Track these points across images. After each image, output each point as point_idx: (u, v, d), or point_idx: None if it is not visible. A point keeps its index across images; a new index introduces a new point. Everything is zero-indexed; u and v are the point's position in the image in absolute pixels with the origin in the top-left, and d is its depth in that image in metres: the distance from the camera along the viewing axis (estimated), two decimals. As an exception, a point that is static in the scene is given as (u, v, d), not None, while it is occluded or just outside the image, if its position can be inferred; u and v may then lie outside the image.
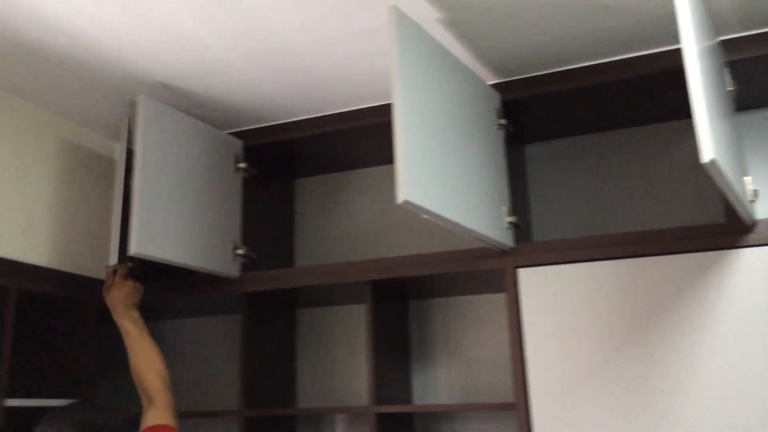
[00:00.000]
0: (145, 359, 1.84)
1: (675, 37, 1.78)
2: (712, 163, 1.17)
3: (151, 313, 2.47)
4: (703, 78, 1.25)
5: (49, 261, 2.08)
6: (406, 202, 1.40)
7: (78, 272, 2.16)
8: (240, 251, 2.12)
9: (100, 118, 2.21)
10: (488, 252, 1.85)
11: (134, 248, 1.79)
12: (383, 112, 2.08)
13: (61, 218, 2.15)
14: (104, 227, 2.29)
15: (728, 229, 1.64)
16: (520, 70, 1.95)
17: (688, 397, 1.60)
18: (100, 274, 2.25)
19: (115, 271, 1.96)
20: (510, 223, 1.82)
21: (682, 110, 2.03)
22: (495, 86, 1.97)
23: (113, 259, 1.92)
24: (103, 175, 2.33)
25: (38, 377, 2.12)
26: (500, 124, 1.91)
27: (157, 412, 1.72)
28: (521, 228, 1.90)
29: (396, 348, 2.16)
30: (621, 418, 1.64)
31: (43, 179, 2.11)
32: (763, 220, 1.61)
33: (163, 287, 2.21)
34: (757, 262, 1.60)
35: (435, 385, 2.20)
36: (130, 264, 1.95)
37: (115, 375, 2.60)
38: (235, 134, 2.26)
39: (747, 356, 1.57)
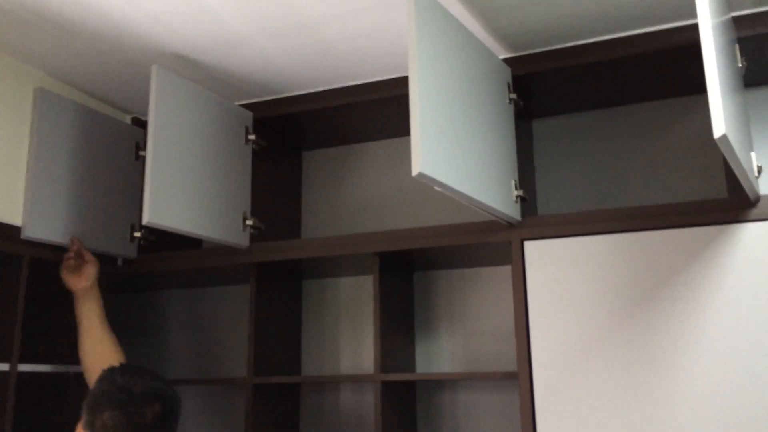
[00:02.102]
0: (103, 340, 1.88)
1: (684, 13, 1.79)
2: (724, 138, 1.20)
3: (161, 282, 2.52)
4: (717, 54, 1.27)
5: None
6: (421, 174, 1.43)
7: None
8: (249, 222, 2.15)
9: (113, 88, 2.22)
10: (495, 225, 1.88)
11: (147, 218, 1.81)
12: (393, 86, 2.10)
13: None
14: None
15: (732, 204, 1.68)
16: (531, 45, 1.96)
17: (689, 370, 1.64)
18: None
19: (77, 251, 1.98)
20: (518, 196, 1.85)
21: (688, 86, 2.07)
22: (506, 60, 1.98)
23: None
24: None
25: (50, 344, 2.15)
26: (511, 99, 1.93)
27: None
28: (528, 201, 1.93)
29: (401, 318, 2.20)
30: (622, 390, 1.69)
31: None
32: (766, 196, 1.65)
33: (173, 257, 2.24)
34: (760, 237, 1.63)
35: (438, 355, 2.25)
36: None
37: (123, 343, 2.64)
38: (244, 106, 2.28)
39: (749, 330, 1.61)
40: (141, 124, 2.38)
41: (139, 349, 2.60)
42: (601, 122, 2.21)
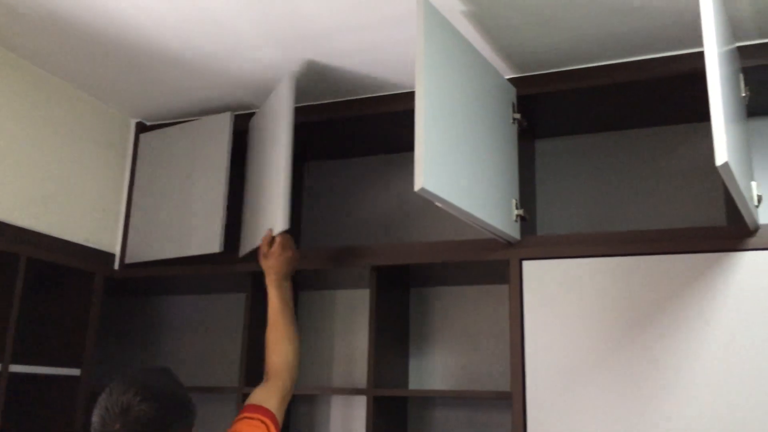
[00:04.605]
0: (277, 335, 1.77)
1: (688, 41, 1.81)
2: (725, 166, 1.20)
3: (158, 289, 2.51)
4: (721, 82, 1.28)
5: (60, 231, 2.10)
6: (423, 190, 1.43)
7: (88, 244, 2.19)
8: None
9: (119, 93, 2.23)
10: (495, 243, 1.88)
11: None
12: (399, 101, 2.11)
13: (72, 190, 2.16)
14: (113, 200, 2.32)
15: (731, 232, 1.68)
16: (537, 66, 1.97)
17: (682, 396, 1.63)
18: (109, 246, 2.29)
19: (272, 239, 1.88)
20: (518, 215, 1.85)
21: (691, 114, 2.09)
22: (512, 80, 1.99)
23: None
24: (116, 149, 2.35)
25: (43, 345, 2.14)
26: (515, 118, 1.94)
27: (263, 392, 1.67)
28: (527, 221, 1.94)
29: (396, 333, 2.19)
30: (615, 413, 1.68)
31: (57, 150, 2.12)
32: (765, 225, 1.65)
33: (170, 264, 2.24)
34: (759, 266, 1.64)
35: (432, 372, 2.24)
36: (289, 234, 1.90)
37: (115, 348, 2.64)
38: (246, 115, 2.28)
39: (744, 357, 1.60)
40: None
41: (128, 355, 2.58)
42: (604, 145, 2.22)
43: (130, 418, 1.26)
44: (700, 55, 1.52)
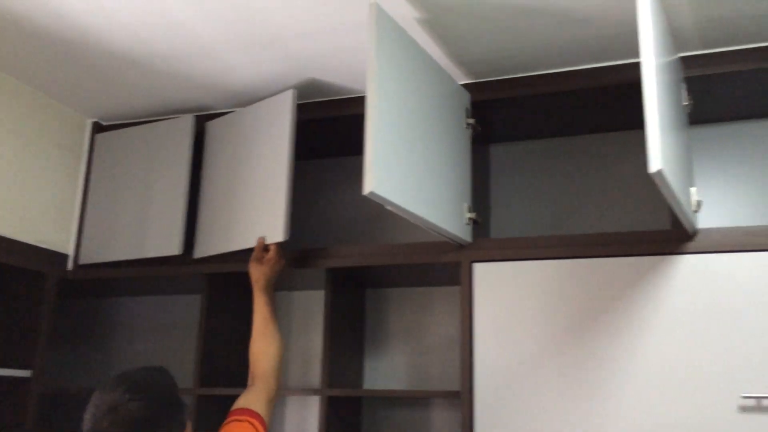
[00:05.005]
0: (264, 341, 1.80)
1: (637, 51, 1.86)
2: (659, 173, 1.25)
3: (112, 290, 2.50)
4: (658, 92, 1.33)
5: (11, 232, 2.08)
6: (372, 194, 1.45)
7: (40, 245, 2.17)
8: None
9: (75, 93, 2.21)
10: (447, 246, 1.92)
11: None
12: (357, 105, 2.12)
13: (25, 190, 2.14)
14: (67, 201, 2.30)
15: (672, 236, 1.74)
16: (491, 73, 2.01)
17: (627, 394, 1.68)
18: (62, 247, 2.26)
19: (266, 246, 1.91)
20: (469, 219, 1.89)
21: (639, 121, 2.11)
22: (466, 86, 2.03)
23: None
24: (71, 149, 2.33)
25: (9, 347, 2.12)
26: (468, 124, 1.98)
27: (250, 395, 1.68)
28: (480, 224, 1.97)
29: (351, 334, 2.21)
30: (561, 412, 1.73)
31: (9, 150, 2.10)
32: (703, 230, 1.71)
33: (125, 265, 2.23)
34: (696, 269, 1.70)
35: (387, 372, 2.27)
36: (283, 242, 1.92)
37: (69, 349, 2.61)
38: (204, 117, 2.28)
39: (682, 356, 1.66)
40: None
41: (79, 356, 2.56)
42: (556, 151, 2.27)
43: (118, 416, 1.25)
44: (642, 65, 1.57)
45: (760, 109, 2.03)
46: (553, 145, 2.28)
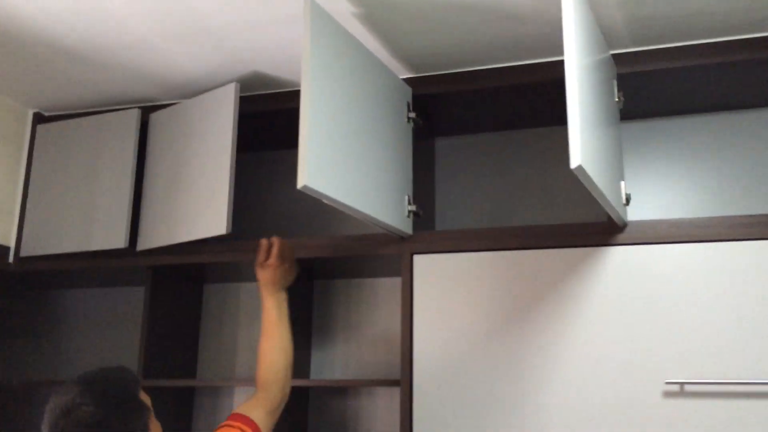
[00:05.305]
0: (268, 346, 1.73)
1: (572, 47, 1.91)
2: (579, 168, 1.30)
3: (56, 282, 2.47)
4: (581, 89, 1.38)
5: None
6: (306, 187, 1.47)
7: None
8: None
9: (14, 83, 2.18)
10: (388, 238, 1.95)
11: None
12: (291, 98, 2.14)
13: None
14: (8, 192, 2.27)
15: (605, 228, 1.80)
16: (432, 67, 2.04)
17: (563, 383, 1.74)
18: (3, 239, 2.24)
19: (269, 249, 1.81)
20: (410, 211, 1.92)
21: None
22: (408, 80, 2.06)
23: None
24: (12, 140, 2.29)
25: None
26: (410, 117, 2.00)
27: (249, 403, 1.65)
28: (422, 217, 2.01)
29: (298, 325, 2.22)
30: (497, 400, 1.78)
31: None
32: (633, 222, 1.77)
33: (68, 258, 2.21)
34: (625, 260, 1.76)
35: (333, 362, 2.30)
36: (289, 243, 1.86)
37: (11, 342, 2.58)
38: (144, 108, 2.27)
39: (611, 343, 1.72)
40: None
41: (23, 351, 2.54)
42: (498, 144, 2.32)
43: (71, 419, 1.24)
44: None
45: (691, 105, 2.10)
46: (495, 139, 2.33)
